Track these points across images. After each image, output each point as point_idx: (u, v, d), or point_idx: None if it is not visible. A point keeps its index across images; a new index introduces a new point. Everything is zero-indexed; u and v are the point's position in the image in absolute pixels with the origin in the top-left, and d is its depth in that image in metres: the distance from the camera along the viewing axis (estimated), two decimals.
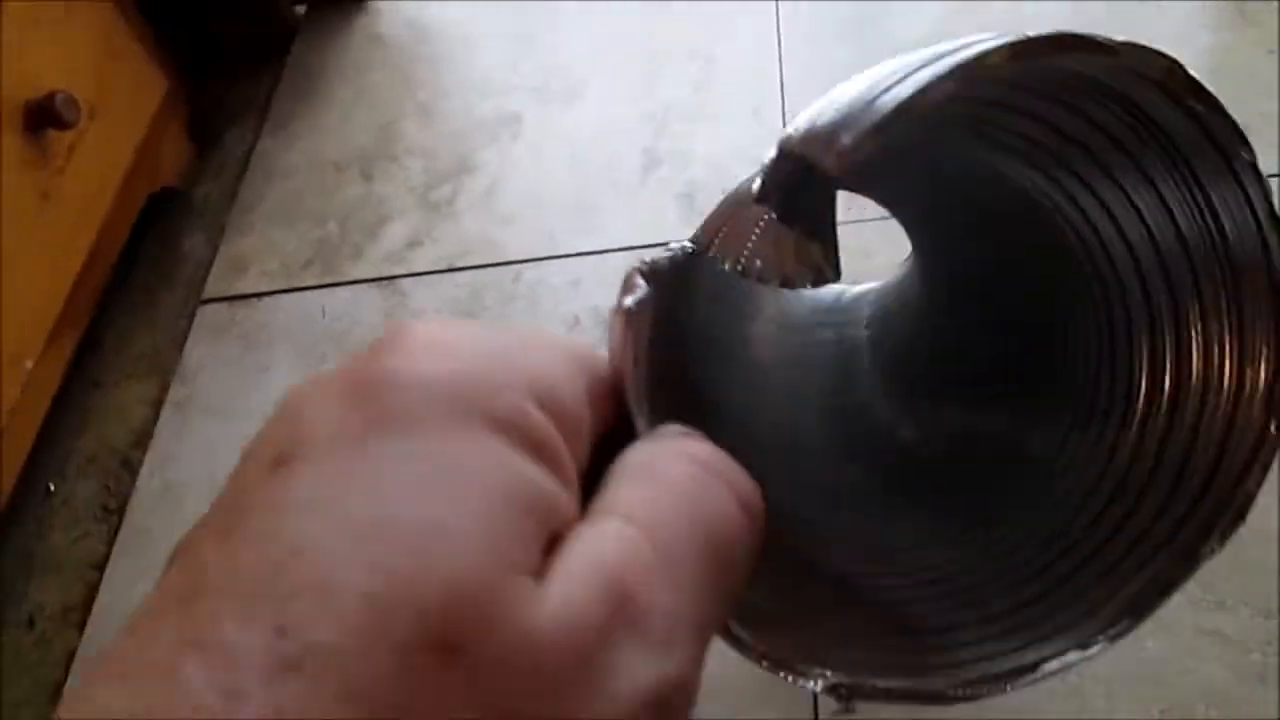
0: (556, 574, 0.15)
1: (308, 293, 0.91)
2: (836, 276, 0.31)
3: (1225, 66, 0.85)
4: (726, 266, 0.31)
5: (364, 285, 0.90)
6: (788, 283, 0.33)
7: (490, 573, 0.14)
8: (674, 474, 0.18)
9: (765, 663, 0.23)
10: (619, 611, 0.15)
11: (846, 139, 0.23)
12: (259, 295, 0.91)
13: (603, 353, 0.21)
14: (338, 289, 0.90)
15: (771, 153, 0.26)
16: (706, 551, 0.17)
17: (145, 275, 0.97)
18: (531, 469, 0.16)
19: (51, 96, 0.83)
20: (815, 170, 0.27)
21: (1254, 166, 0.26)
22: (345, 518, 0.14)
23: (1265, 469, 0.27)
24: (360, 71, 1.09)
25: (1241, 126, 0.28)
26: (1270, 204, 0.27)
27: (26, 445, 0.82)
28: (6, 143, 0.80)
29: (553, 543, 0.16)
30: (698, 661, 0.16)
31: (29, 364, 0.81)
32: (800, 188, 0.31)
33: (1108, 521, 0.30)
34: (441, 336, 0.17)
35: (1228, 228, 0.28)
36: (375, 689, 0.13)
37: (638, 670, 0.15)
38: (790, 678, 0.23)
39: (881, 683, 0.24)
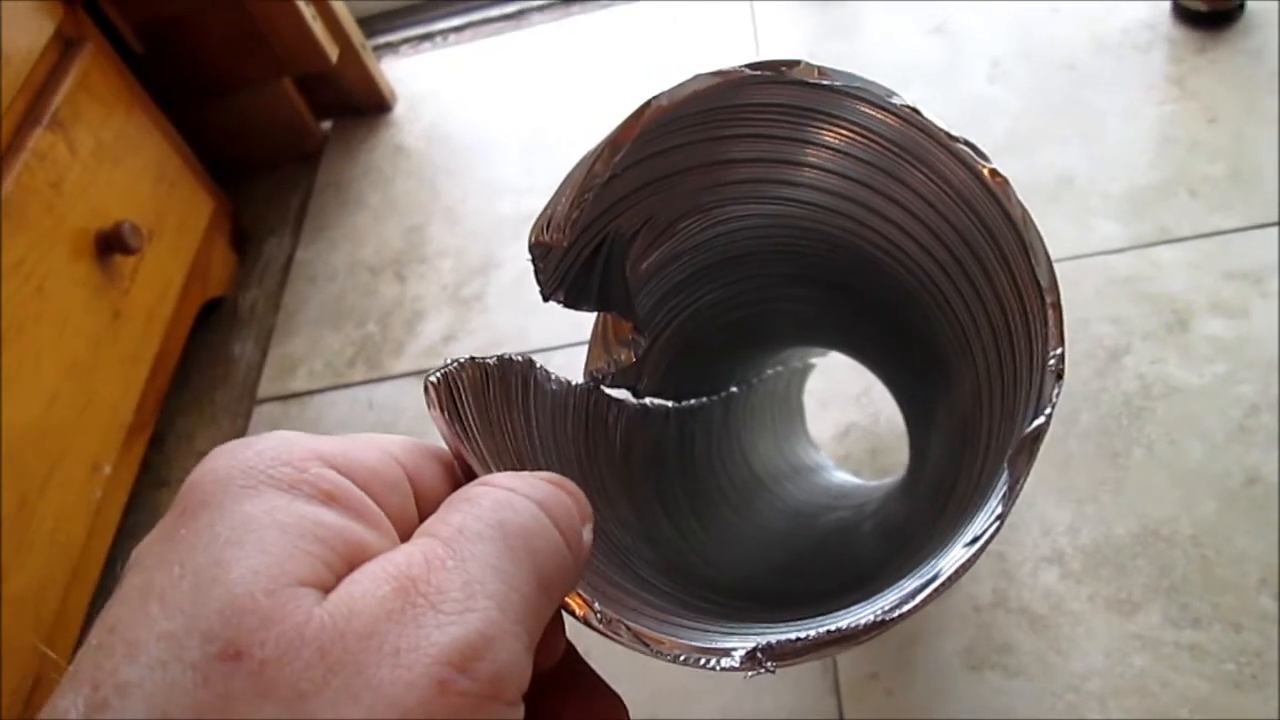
0: (345, 581, 0.17)
1: (355, 388, 0.97)
2: (644, 337, 0.38)
3: (1171, 136, 0.93)
4: (590, 380, 0.40)
5: (406, 379, 0.96)
6: (614, 363, 0.41)
7: (267, 586, 0.16)
8: (480, 494, 0.20)
9: (683, 657, 0.24)
10: (402, 593, 0.17)
11: (557, 215, 0.31)
12: (309, 393, 0.98)
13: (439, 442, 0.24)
14: (382, 384, 0.96)
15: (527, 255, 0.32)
16: (504, 541, 0.19)
17: (201, 379, 1.04)
18: (320, 511, 0.18)
19: (118, 226, 0.90)
20: (552, 248, 0.34)
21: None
22: (149, 589, 0.17)
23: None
24: (387, 180, 1.16)
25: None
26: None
27: (107, 543, 0.89)
28: (83, 270, 0.88)
29: (354, 568, 0.18)
30: (501, 624, 0.17)
31: (108, 469, 0.88)
32: (567, 274, 0.38)
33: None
34: (244, 441, 0.20)
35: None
36: (175, 702, 0.16)
37: (431, 634, 0.16)
38: (707, 660, 0.24)
39: (798, 633, 0.24)
